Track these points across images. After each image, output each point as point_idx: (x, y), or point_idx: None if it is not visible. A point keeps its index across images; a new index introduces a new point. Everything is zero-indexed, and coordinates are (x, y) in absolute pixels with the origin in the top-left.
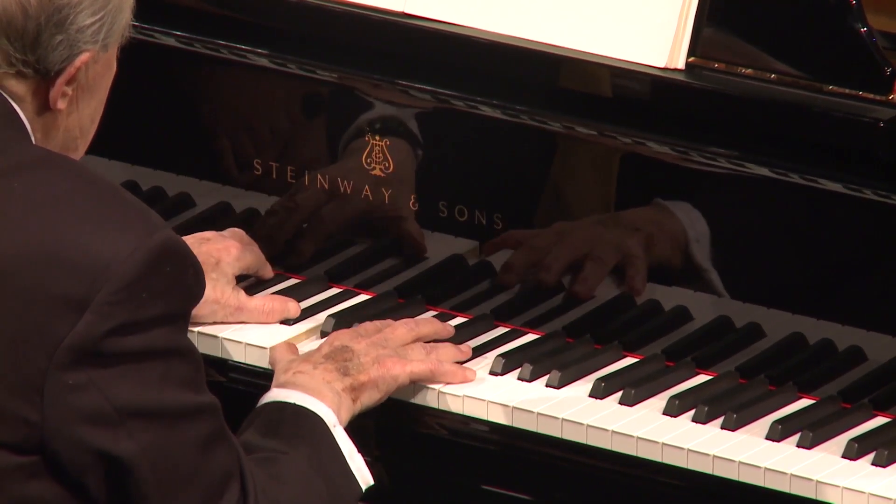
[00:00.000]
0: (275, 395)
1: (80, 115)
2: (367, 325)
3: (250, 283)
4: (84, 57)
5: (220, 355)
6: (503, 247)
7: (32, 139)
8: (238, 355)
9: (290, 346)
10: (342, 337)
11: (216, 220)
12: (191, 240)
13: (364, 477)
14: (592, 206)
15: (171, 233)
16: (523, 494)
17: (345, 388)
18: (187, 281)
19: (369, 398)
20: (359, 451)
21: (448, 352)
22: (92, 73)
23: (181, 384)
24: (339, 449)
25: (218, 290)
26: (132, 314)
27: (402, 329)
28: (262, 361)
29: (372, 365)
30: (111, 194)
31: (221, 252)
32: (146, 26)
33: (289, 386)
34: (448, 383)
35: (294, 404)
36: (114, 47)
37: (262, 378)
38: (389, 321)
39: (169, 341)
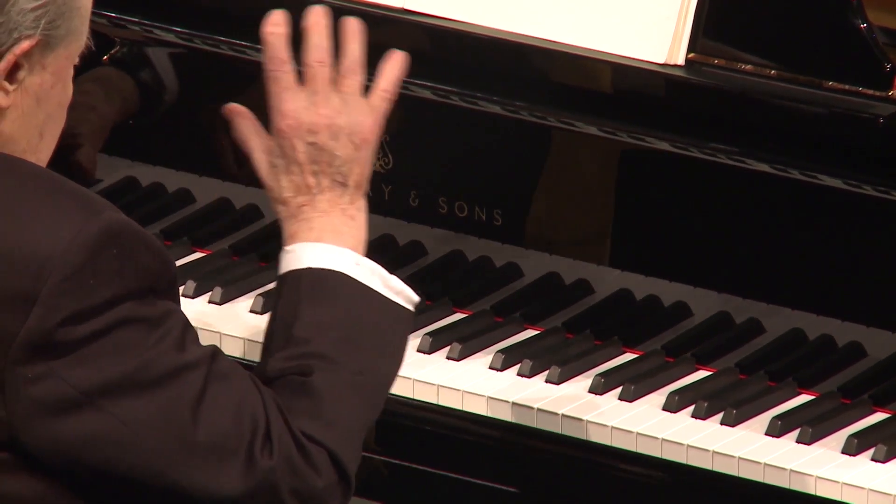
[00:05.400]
0: (288, 262)
1: (27, 124)
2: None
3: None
4: (24, 45)
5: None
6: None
7: None
8: (234, 352)
9: (269, 144)
10: (301, 134)
11: (216, 215)
12: None
13: (408, 297)
14: (591, 201)
15: (113, 214)
16: (523, 490)
17: (352, 202)
18: (139, 259)
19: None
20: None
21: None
22: (38, 80)
23: (155, 349)
24: (370, 289)
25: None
26: (81, 302)
27: (350, 80)
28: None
29: (353, 163)
30: (47, 183)
31: None
32: (146, 22)
33: (299, 237)
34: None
35: (309, 269)
36: (62, 52)
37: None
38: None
39: (130, 315)
